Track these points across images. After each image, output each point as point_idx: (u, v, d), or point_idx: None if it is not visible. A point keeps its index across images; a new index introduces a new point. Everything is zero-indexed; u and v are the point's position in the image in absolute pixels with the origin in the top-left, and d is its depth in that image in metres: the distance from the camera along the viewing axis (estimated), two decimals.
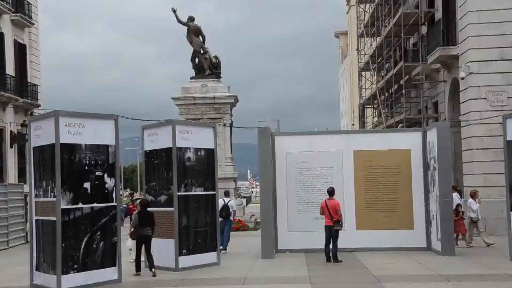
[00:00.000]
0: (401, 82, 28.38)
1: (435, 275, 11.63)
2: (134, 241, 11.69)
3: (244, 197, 29.01)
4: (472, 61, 19.28)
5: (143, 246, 11.31)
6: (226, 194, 15.97)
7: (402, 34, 27.76)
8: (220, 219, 14.56)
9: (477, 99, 19.15)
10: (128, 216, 22.57)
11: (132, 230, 11.33)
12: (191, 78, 23.36)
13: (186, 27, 23.24)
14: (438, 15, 24.36)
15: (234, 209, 16.66)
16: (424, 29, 26.31)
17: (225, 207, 15.15)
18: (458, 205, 15.72)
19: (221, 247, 14.18)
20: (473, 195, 15.73)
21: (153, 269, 11.16)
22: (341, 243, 13.60)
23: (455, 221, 14.77)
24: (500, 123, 14.90)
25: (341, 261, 13.25)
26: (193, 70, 23.44)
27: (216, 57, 23.21)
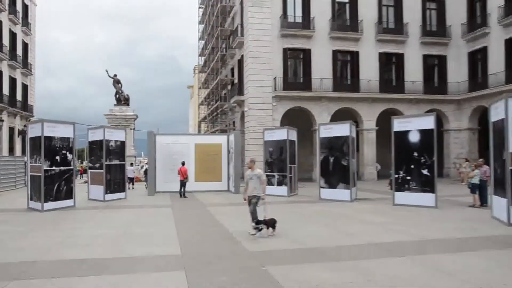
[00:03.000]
0: (218, 111, 38.95)
1: (232, 202, 16.59)
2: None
3: (141, 166, 37.86)
4: (250, 103, 27.80)
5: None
6: (131, 164, 23.77)
7: (219, 88, 38.46)
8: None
9: (251, 121, 27.48)
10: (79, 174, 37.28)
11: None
12: (114, 105, 32.12)
13: (112, 79, 32.29)
14: (235, 80, 33.47)
15: (134, 171, 24.49)
16: (229, 87, 35.38)
17: (130, 170, 22.64)
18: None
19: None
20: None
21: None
22: (187, 188, 19.16)
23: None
24: (261, 132, 22.04)
25: (187, 197, 18.57)
26: (115, 100, 32.12)
27: (127, 94, 32.58)
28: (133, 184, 25.03)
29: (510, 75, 27.07)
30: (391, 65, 31.58)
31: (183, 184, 19.11)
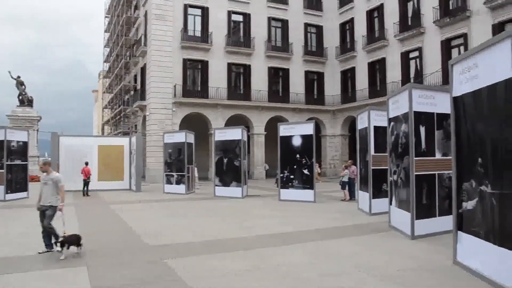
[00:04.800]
0: (121, 115, 38.54)
1: (133, 200, 16.84)
2: None
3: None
4: (151, 108, 28.21)
5: None
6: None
7: (122, 93, 38.25)
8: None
9: (152, 124, 28.00)
10: None
11: None
12: (17, 106, 29.88)
13: (15, 80, 30.01)
14: (138, 86, 33.54)
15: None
16: (132, 92, 35.22)
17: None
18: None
19: None
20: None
21: None
22: (90, 187, 18.99)
23: None
24: (161, 135, 22.23)
25: (89, 196, 18.49)
26: (18, 102, 29.86)
27: (31, 96, 30.39)
28: None
29: (372, 91, 30.68)
30: (278, 78, 33.85)
31: (86, 183, 18.98)
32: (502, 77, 5.11)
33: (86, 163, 19.32)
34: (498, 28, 21.37)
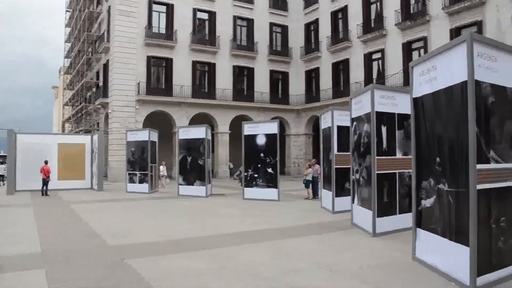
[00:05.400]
0: (82, 112, 37.76)
1: (94, 199, 16.16)
2: None
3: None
4: (114, 106, 27.69)
5: None
6: (1, 163, 21.93)
7: (84, 90, 37.16)
8: None
9: (115, 122, 27.44)
10: None
11: None
12: None
13: None
14: (100, 83, 32.81)
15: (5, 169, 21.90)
16: (94, 89, 34.49)
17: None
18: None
19: None
20: None
21: None
22: (50, 187, 18.30)
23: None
24: (124, 133, 22.08)
25: (49, 195, 17.83)
26: None
27: None
28: (3, 181, 23.59)
29: (336, 92, 31.19)
30: (243, 77, 33.88)
31: (45, 182, 18.39)
32: (458, 80, 5.32)
33: (46, 162, 18.76)
34: (455, 33, 22.22)
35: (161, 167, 22.06)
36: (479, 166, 5.06)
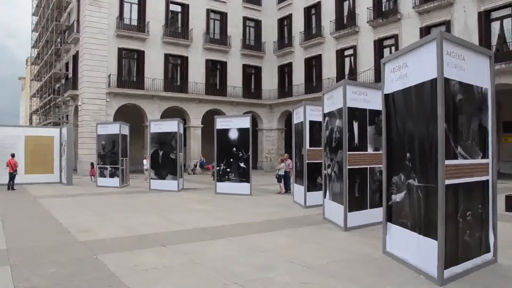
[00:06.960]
0: (51, 104, 36.52)
1: (63, 194, 16.08)
2: None
3: None
4: (84, 98, 27.14)
5: None
6: None
7: (53, 81, 36.13)
8: None
9: (85, 115, 26.93)
10: None
11: None
12: None
13: None
14: (70, 74, 31.86)
15: None
16: (63, 81, 33.54)
17: None
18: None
19: None
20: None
21: None
22: (17, 181, 18.03)
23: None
24: (94, 126, 21.33)
25: (16, 190, 17.51)
26: None
27: None
28: None
29: (308, 87, 31.40)
30: (216, 71, 33.71)
31: (12, 176, 17.84)
32: (428, 77, 5.40)
33: (12, 155, 18.22)
34: (425, 31, 22.74)
35: (145, 161, 21.68)
36: (447, 162, 5.16)
